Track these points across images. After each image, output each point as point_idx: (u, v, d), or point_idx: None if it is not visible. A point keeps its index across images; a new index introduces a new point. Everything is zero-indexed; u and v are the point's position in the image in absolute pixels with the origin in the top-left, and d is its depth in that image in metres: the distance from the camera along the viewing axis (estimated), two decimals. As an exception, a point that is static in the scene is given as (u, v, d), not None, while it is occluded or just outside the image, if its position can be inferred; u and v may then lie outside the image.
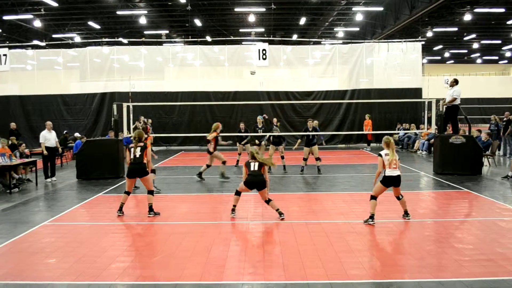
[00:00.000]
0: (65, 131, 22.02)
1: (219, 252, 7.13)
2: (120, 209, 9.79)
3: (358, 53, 25.18)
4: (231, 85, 24.98)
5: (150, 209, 9.68)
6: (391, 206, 9.98)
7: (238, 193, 9.50)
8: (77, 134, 22.00)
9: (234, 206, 9.53)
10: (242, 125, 17.80)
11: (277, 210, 9.29)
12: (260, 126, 16.47)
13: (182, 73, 25.79)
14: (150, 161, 10.00)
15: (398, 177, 8.71)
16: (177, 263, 6.68)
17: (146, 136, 11.79)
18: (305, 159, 15.56)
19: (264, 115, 18.71)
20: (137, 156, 9.70)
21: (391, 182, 8.69)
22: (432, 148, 18.43)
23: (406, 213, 9.03)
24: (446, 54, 55.03)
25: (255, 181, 9.19)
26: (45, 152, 14.57)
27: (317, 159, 15.50)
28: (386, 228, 8.37)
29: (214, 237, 7.99)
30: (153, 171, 12.23)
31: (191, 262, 6.67)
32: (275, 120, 19.80)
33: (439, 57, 57.28)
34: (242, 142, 17.00)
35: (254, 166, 9.26)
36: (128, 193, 9.88)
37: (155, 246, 7.52)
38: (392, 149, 8.86)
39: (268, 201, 9.34)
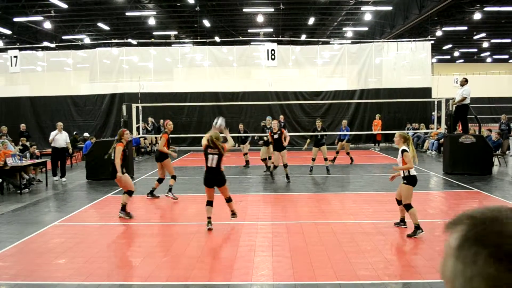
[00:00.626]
0: (75, 132, 22.13)
1: (228, 253, 7.12)
2: (123, 209, 9.64)
3: (367, 52, 25.09)
4: (240, 86, 24.98)
5: (122, 208, 9.50)
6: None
7: (209, 203, 8.50)
8: (86, 134, 22.13)
9: (209, 218, 8.48)
10: (241, 126, 17.97)
11: (232, 211, 8.81)
12: (268, 127, 16.47)
13: (191, 74, 25.85)
14: (118, 163, 9.57)
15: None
16: (186, 263, 6.68)
17: (163, 132, 11.92)
18: (313, 159, 15.54)
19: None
20: (112, 157, 9.67)
21: (416, 182, 7.92)
22: (442, 148, 18.35)
23: (403, 221, 8.23)
24: (456, 53, 54.68)
25: (214, 179, 8.45)
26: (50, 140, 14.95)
27: (326, 159, 15.48)
28: (395, 229, 8.31)
29: (223, 237, 7.99)
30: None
31: (199, 263, 6.67)
32: (282, 117, 19.79)
33: (449, 56, 56.92)
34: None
35: (213, 160, 8.43)
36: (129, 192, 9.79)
37: (164, 247, 7.52)
38: (412, 145, 8.01)
39: (228, 200, 8.73)
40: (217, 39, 34.44)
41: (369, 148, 23.92)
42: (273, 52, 23.98)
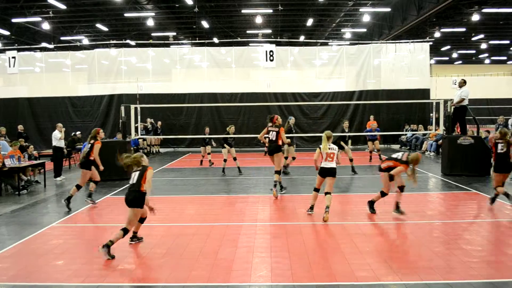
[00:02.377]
0: (73, 133, 22.14)
1: (227, 254, 7.12)
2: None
3: (366, 54, 25.11)
4: (238, 87, 25.01)
5: (89, 195, 11.33)
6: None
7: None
8: (78, 133, 22.20)
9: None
10: (207, 129, 18.32)
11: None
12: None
13: (190, 75, 25.85)
14: (98, 157, 11.36)
15: (332, 169, 9.26)
16: (185, 264, 6.68)
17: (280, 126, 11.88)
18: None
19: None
20: (87, 152, 11.26)
21: (325, 173, 9.29)
22: (440, 149, 18.36)
23: (326, 208, 9.01)
24: (454, 55, 54.80)
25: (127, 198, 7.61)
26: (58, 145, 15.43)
27: (351, 160, 15.67)
28: (394, 230, 8.33)
29: (222, 238, 7.99)
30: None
31: (198, 264, 6.67)
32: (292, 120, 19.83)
33: (447, 58, 57.05)
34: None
35: (134, 177, 7.62)
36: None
37: (163, 248, 7.52)
38: (328, 142, 9.38)
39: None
40: (215, 40, 34.48)
41: (365, 149, 23.89)
42: (271, 53, 24.01)
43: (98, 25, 34.17)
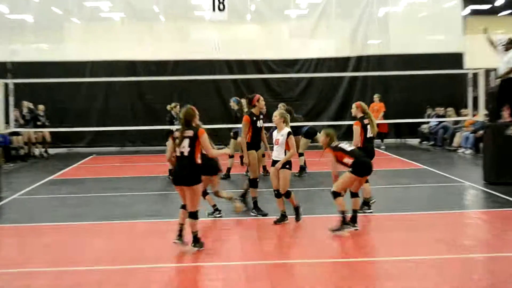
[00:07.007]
0: None
1: None
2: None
3: (366, 1, 25.20)
4: (171, 52, 24.78)
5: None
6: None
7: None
8: None
9: None
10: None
11: None
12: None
13: (93, 33, 25.49)
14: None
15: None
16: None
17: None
18: None
19: None
20: None
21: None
22: (481, 145, 18.53)
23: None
24: (499, 1, 55.70)
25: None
26: None
27: None
28: (418, 267, 8.30)
29: None
30: None
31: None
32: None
33: (489, 5, 57.90)
34: None
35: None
36: None
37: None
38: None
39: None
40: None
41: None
42: (221, -1, 23.91)
43: None
